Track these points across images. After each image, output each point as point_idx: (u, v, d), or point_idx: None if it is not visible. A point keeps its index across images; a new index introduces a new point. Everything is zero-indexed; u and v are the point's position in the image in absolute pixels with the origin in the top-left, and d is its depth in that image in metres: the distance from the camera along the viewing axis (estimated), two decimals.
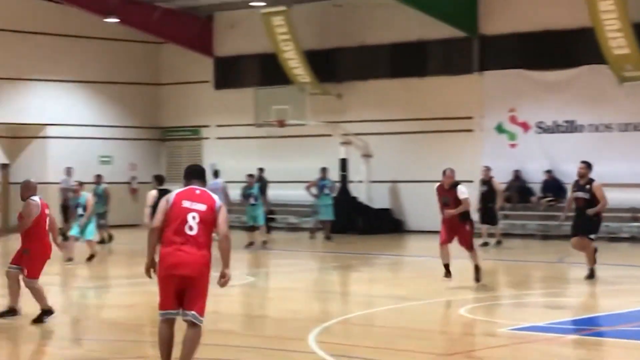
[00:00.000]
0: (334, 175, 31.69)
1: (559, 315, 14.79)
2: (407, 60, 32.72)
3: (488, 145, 30.62)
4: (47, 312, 13.06)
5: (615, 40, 27.47)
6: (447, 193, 16.59)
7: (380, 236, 30.08)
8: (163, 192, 20.90)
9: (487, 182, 18.37)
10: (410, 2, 29.89)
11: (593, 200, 17.20)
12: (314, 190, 29.33)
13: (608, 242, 26.98)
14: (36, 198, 13.12)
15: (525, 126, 30.31)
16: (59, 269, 21.66)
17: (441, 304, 16.41)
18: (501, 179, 29.43)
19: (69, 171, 30.63)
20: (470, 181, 26.86)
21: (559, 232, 27.75)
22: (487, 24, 31.16)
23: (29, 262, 13.01)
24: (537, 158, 29.89)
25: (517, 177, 30.20)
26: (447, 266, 16.58)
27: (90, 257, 22.75)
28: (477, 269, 16.65)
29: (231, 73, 36.80)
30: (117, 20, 34.28)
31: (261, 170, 30.89)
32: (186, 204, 8.86)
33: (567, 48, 29.78)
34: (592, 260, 17.58)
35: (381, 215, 31.61)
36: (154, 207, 21.46)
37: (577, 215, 17.64)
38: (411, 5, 29.90)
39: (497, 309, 16.38)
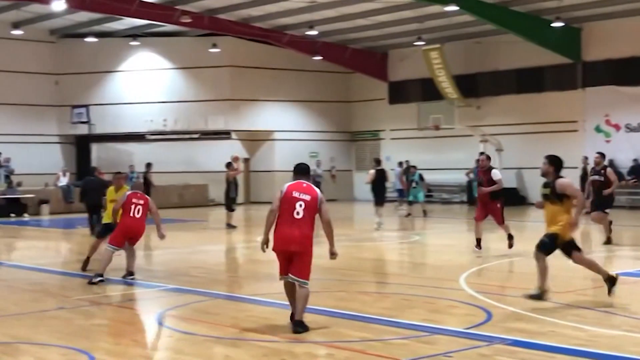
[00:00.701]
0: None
1: None
2: (528, 81, 33.10)
3: (589, 142, 30.63)
4: None
5: None
6: (483, 175, 15.93)
7: (509, 207, 27.79)
8: (380, 172, 22.44)
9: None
10: (530, 37, 30.34)
11: (607, 182, 16.62)
12: (472, 175, 28.69)
13: None
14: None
15: (617, 127, 31.04)
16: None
17: (554, 255, 17.62)
18: None
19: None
20: (575, 167, 27.23)
21: None
22: (587, 52, 31.58)
23: None
24: (626, 150, 30.24)
25: (611, 164, 27.71)
26: (479, 240, 15.74)
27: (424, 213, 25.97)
28: (510, 237, 15.59)
29: (400, 92, 37.30)
30: (321, 57, 35.73)
31: (408, 162, 30.73)
32: (295, 194, 8.88)
33: None
34: (608, 230, 17.01)
35: (510, 192, 29.34)
36: (373, 183, 22.56)
37: (594, 195, 16.86)
38: (530, 40, 30.38)
39: (600, 260, 14.02)
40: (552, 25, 30.02)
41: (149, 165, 30.04)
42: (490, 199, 15.73)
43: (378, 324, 9.10)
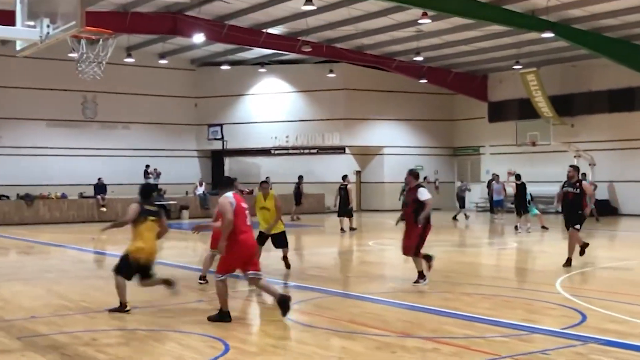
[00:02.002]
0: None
1: None
2: (619, 100, 32.33)
3: None
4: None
5: None
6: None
7: (602, 217, 28.41)
8: (520, 186, 22.75)
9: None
10: (621, 61, 29.53)
11: (582, 195, 14.29)
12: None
13: None
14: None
15: None
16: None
17: None
18: None
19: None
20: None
21: None
22: None
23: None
24: None
25: None
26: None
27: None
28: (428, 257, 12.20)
29: (499, 111, 37.01)
30: (426, 81, 35.64)
31: (519, 176, 28.95)
32: (243, 204, 9.04)
33: None
34: (571, 251, 14.32)
35: (602, 203, 30.16)
36: (515, 195, 23.20)
37: (566, 209, 14.66)
38: (622, 63, 29.61)
39: None
40: None
41: (300, 177, 30.85)
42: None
43: (480, 322, 9.03)
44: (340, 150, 35.78)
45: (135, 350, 7.74)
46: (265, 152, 36.32)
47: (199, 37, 28.80)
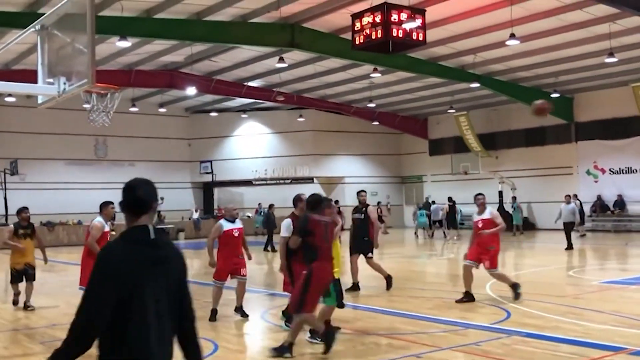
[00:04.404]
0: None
1: (628, 274, 13.72)
2: (533, 137, 31.85)
3: (581, 183, 30.04)
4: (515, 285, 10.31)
5: None
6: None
7: (525, 232, 28.97)
8: (451, 207, 23.09)
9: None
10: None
11: (367, 220, 11.56)
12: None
13: None
14: None
15: (602, 171, 30.02)
16: None
17: (558, 269, 15.44)
18: (590, 201, 29.23)
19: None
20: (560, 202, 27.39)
21: (626, 229, 27.97)
22: (578, 115, 30.65)
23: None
24: (610, 188, 29.38)
25: (599, 198, 29.50)
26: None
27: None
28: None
29: (437, 147, 36.87)
30: (378, 123, 35.69)
31: (450, 198, 29.26)
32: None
33: (627, 126, 28.60)
34: (355, 275, 11.79)
35: (523, 220, 29.98)
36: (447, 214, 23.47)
37: (354, 235, 11.87)
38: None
39: (590, 272, 15.12)
40: (551, 95, 29.39)
41: (271, 205, 26.06)
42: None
43: (424, 320, 9.02)
44: (309, 180, 35.44)
45: None
46: (247, 183, 36.03)
47: (191, 90, 28.75)
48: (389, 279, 11.87)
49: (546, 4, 18.87)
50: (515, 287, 10.35)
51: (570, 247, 19.95)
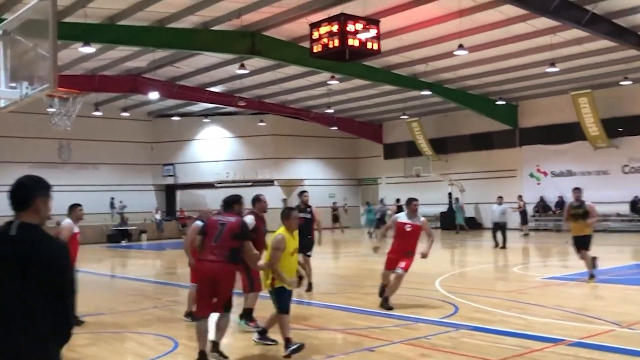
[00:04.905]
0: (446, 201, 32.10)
1: (569, 270, 13.53)
2: (481, 142, 32.61)
3: (525, 184, 30.32)
4: None
5: (591, 128, 27.37)
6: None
7: (471, 231, 29.48)
8: (400, 207, 21.98)
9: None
10: (481, 112, 29.94)
11: (313, 220, 11.16)
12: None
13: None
14: None
15: (545, 173, 30.37)
16: None
17: (503, 266, 15.63)
18: (533, 202, 29.47)
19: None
20: (513, 202, 26.49)
21: (567, 228, 29.72)
22: (522, 121, 31.09)
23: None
24: (552, 190, 29.59)
25: (542, 199, 29.87)
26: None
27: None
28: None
29: (392, 151, 36.97)
30: (336, 128, 35.72)
31: (398, 200, 29.30)
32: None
33: (567, 132, 29.02)
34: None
35: (470, 219, 31.02)
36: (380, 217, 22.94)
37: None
38: (482, 113, 30.04)
39: (533, 269, 15.12)
40: (497, 103, 29.99)
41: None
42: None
43: (378, 316, 8.99)
44: (270, 182, 35.19)
45: (102, 349, 7.49)
46: (209, 185, 35.45)
47: (154, 95, 28.34)
48: (300, 279, 11.22)
49: (492, 17, 19.16)
50: (386, 297, 9.39)
51: (497, 245, 19.82)
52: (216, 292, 6.40)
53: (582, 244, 11.75)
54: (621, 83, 25.99)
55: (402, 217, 9.46)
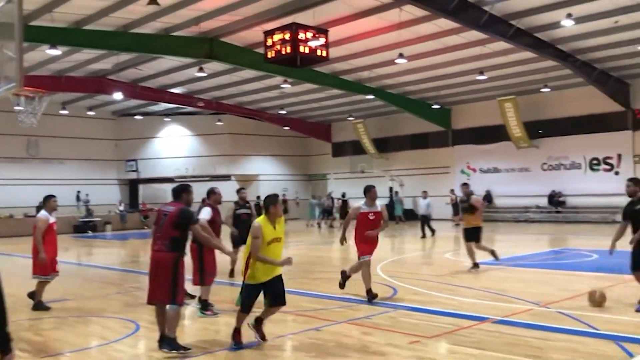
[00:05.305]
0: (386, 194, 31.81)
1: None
2: (418, 141, 33.00)
3: (456, 180, 29.64)
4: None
5: (515, 130, 27.84)
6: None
7: (409, 222, 29.16)
8: (345, 201, 22.62)
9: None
10: (419, 114, 30.04)
11: (253, 214, 11.17)
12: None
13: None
14: None
15: (474, 170, 30.87)
16: None
17: (437, 252, 15.64)
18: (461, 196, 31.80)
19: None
20: (446, 196, 27.62)
21: (493, 219, 27.85)
22: (455, 123, 31.52)
23: None
24: (480, 185, 29.45)
25: (471, 194, 32.06)
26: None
27: None
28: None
29: (339, 149, 37.24)
30: (288, 127, 35.66)
31: (344, 194, 30.69)
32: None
33: (494, 133, 29.46)
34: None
35: (408, 211, 30.65)
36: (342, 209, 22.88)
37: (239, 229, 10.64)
38: (419, 116, 30.10)
39: (463, 255, 13.20)
40: (433, 107, 30.35)
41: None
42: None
43: (324, 298, 8.97)
44: (227, 177, 34.71)
45: (66, 332, 7.28)
46: (170, 180, 34.61)
47: (118, 95, 27.70)
48: (232, 272, 10.94)
49: (429, 29, 19.45)
50: (345, 277, 9.19)
51: (424, 236, 19.86)
52: (160, 280, 6.05)
53: (470, 235, 11.66)
54: (541, 90, 26.43)
55: (363, 207, 8.86)
